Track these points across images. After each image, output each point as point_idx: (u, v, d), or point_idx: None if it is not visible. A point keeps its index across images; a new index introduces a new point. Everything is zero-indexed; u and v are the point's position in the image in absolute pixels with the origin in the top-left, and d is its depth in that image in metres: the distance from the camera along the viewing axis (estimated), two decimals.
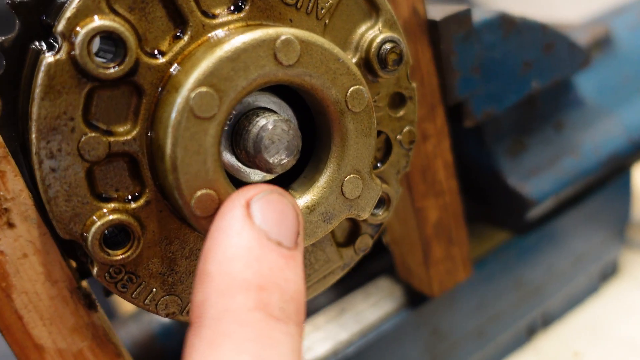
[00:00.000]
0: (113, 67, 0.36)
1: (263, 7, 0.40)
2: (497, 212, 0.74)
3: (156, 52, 0.38)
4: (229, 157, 0.41)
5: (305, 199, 0.42)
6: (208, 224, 0.36)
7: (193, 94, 0.35)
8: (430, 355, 0.70)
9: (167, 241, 0.41)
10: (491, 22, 0.60)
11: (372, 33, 0.44)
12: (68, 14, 0.35)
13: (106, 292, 0.45)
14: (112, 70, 0.35)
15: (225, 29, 0.39)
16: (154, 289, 0.41)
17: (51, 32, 0.36)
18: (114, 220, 0.37)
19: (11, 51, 0.38)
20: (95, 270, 0.39)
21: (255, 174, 0.42)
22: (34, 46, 0.37)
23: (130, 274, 0.40)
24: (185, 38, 0.38)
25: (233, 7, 0.40)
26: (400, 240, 0.63)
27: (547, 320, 0.82)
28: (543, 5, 1.56)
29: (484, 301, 0.73)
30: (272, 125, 0.38)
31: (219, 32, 0.39)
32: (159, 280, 0.41)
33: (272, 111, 0.41)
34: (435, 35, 0.55)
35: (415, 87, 0.48)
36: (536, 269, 0.77)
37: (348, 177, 0.42)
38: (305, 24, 0.42)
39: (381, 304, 0.68)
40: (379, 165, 0.48)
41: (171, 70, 0.38)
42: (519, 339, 0.80)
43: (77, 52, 0.34)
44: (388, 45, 0.44)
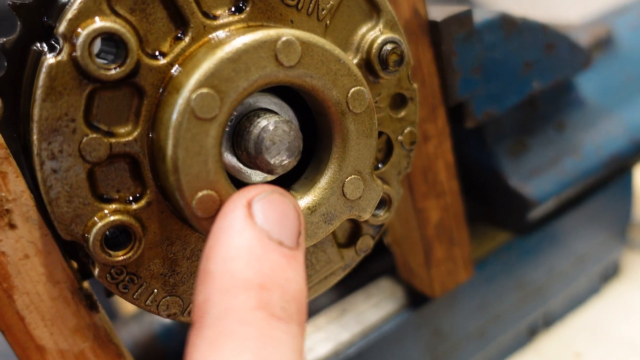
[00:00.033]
0: (114, 68, 0.36)
1: (264, 8, 0.40)
2: (498, 213, 0.74)
3: (157, 53, 0.38)
4: (230, 158, 0.41)
5: (307, 199, 0.42)
6: (209, 224, 0.36)
7: (194, 95, 0.35)
8: (431, 356, 0.70)
9: (168, 242, 0.41)
10: (492, 23, 0.60)
11: (373, 34, 0.44)
12: (69, 15, 0.35)
13: (107, 293, 0.45)
14: (113, 72, 0.35)
15: (226, 30, 0.39)
16: (156, 290, 0.41)
17: (52, 34, 0.36)
18: (115, 221, 0.37)
19: (12, 52, 0.38)
20: (96, 271, 0.39)
21: (256, 175, 0.42)
22: (35, 47, 0.37)
23: (131, 274, 0.40)
24: (186, 39, 0.38)
25: (234, 8, 0.40)
26: (402, 240, 0.63)
27: (548, 321, 0.82)
28: (544, 5, 1.56)
29: (485, 302, 0.73)
30: (273, 126, 0.38)
31: (220, 33, 0.39)
32: (160, 281, 0.41)
33: (273, 112, 0.41)
34: (436, 35, 0.55)
35: (416, 87, 0.48)
36: (537, 269, 0.77)
37: (349, 178, 0.42)
38: (306, 25, 0.42)
39: (382, 305, 0.67)
40: (380, 166, 0.48)
41: (172, 71, 0.38)
42: (520, 339, 0.80)
43: (78, 53, 0.34)
44: (389, 46, 0.44)
